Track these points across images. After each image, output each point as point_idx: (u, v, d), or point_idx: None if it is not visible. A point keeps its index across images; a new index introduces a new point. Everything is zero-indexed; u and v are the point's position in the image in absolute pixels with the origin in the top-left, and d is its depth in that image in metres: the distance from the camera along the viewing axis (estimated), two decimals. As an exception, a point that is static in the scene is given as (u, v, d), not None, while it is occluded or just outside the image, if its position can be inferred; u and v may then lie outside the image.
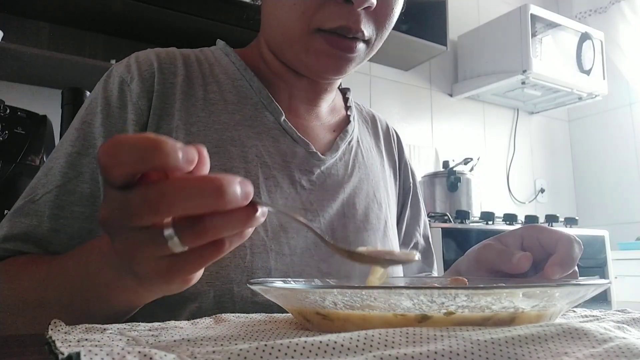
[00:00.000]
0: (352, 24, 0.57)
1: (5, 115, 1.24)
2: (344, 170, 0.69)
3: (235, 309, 0.55)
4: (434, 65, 2.62)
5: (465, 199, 2.19)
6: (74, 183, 0.55)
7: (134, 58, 0.63)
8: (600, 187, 2.96)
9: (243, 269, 0.56)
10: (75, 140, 0.57)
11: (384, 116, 0.87)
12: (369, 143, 0.78)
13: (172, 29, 1.66)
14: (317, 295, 0.32)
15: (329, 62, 0.60)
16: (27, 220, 0.54)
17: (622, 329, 0.31)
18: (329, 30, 0.58)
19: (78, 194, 0.55)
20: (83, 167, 0.56)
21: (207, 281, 0.54)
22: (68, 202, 0.55)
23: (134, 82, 0.60)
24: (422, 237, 0.82)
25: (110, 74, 0.62)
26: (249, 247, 0.56)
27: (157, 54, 0.64)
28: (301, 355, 0.25)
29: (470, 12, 2.78)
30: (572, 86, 2.54)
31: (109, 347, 0.24)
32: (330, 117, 0.74)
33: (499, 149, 2.82)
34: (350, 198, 0.67)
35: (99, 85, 0.62)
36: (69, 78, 1.55)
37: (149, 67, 0.62)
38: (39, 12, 1.60)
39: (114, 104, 0.59)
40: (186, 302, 0.55)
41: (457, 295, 0.30)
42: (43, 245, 0.54)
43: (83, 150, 0.57)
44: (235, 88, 0.66)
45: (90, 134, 0.58)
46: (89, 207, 0.56)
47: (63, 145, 0.58)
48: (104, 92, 0.60)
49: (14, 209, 0.56)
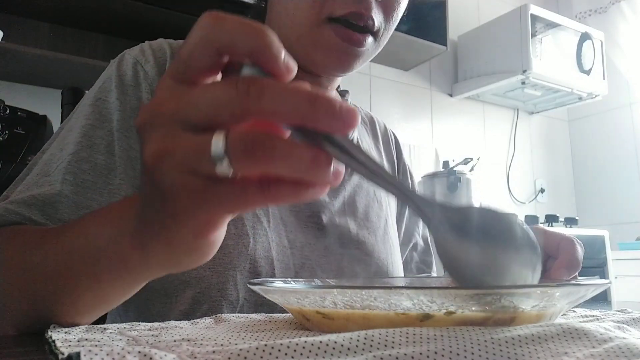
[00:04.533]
0: (364, 10, 0.57)
1: (5, 115, 1.24)
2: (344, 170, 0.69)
3: (239, 297, 0.55)
4: (434, 65, 2.62)
5: (465, 199, 2.19)
6: (87, 152, 0.54)
7: (148, 44, 0.63)
8: (600, 187, 2.96)
9: (246, 257, 0.56)
10: (90, 114, 0.56)
11: (384, 116, 0.87)
12: (368, 144, 0.78)
13: (173, 29, 1.66)
14: (317, 295, 0.32)
15: (337, 57, 0.60)
16: (42, 189, 0.51)
17: (622, 329, 0.31)
18: (340, 18, 0.57)
19: (91, 164, 0.53)
20: (97, 139, 0.55)
21: (210, 267, 0.54)
22: (80, 170, 0.53)
23: (148, 65, 0.60)
24: (421, 237, 0.82)
25: (123, 57, 0.61)
26: (252, 235, 0.57)
27: (170, 44, 0.64)
28: (301, 355, 0.25)
29: (470, 12, 2.78)
30: (572, 86, 2.54)
31: (109, 347, 0.24)
32: None
33: (499, 149, 2.82)
34: (350, 197, 0.68)
35: (111, 66, 0.61)
36: (69, 78, 1.55)
37: (162, 54, 0.62)
38: (39, 12, 1.60)
39: (128, 82, 0.58)
40: (185, 287, 0.54)
41: (457, 295, 0.30)
42: (47, 211, 0.50)
43: (98, 123, 0.56)
44: None
45: (105, 109, 0.57)
46: (101, 179, 0.53)
47: (76, 120, 0.56)
48: (118, 71, 0.59)
49: (26, 182, 0.52)
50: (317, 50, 0.60)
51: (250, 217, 0.58)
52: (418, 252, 0.81)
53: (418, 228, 0.82)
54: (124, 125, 0.56)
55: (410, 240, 0.81)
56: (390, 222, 0.73)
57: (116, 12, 1.59)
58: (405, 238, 0.80)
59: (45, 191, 0.50)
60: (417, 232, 0.82)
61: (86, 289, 0.37)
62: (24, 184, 0.52)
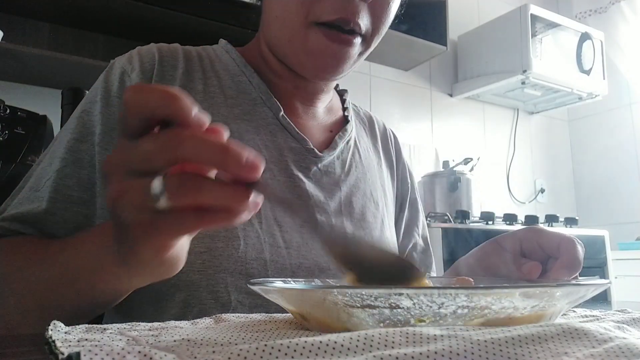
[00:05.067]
0: (350, 15, 0.58)
1: (5, 115, 1.24)
2: (340, 169, 0.69)
3: (231, 299, 0.55)
4: (434, 65, 2.62)
5: (465, 199, 2.19)
6: (71, 168, 0.56)
7: (137, 51, 0.64)
8: (600, 187, 2.96)
9: (237, 259, 0.56)
10: (75, 128, 0.58)
11: (384, 116, 0.87)
12: (367, 143, 0.78)
13: (173, 29, 1.66)
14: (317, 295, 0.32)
15: (327, 61, 0.61)
16: (31, 205, 0.55)
17: (622, 329, 0.31)
18: (326, 23, 0.58)
19: (75, 179, 0.56)
20: (81, 154, 0.57)
21: (199, 270, 0.54)
22: (65, 186, 0.55)
23: (134, 73, 0.61)
24: (420, 237, 0.82)
25: (113, 65, 0.63)
26: (242, 237, 0.57)
27: (159, 48, 0.65)
28: (301, 356, 0.25)
29: (470, 12, 2.78)
30: (572, 86, 2.54)
31: (109, 347, 0.24)
32: (327, 117, 0.74)
33: (499, 149, 2.82)
34: (347, 196, 0.68)
35: (101, 76, 0.63)
36: (69, 78, 1.55)
37: (150, 60, 0.63)
38: (39, 12, 1.60)
39: (114, 94, 0.60)
40: (175, 291, 0.54)
41: (457, 296, 0.30)
42: (38, 227, 0.54)
43: (82, 137, 0.58)
44: (235, 83, 0.67)
45: (90, 121, 0.59)
46: (86, 193, 0.56)
47: (64, 133, 0.59)
48: (105, 82, 0.61)
49: (20, 196, 0.57)
50: (308, 55, 0.61)
51: None
52: (418, 252, 0.81)
53: (417, 228, 0.82)
54: (104, 138, 0.57)
55: (410, 241, 0.80)
56: (386, 223, 0.73)
57: (116, 12, 1.58)
58: (404, 239, 0.80)
59: (35, 208, 0.54)
60: (417, 233, 0.82)
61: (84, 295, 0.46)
62: (19, 198, 0.57)
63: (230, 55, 0.69)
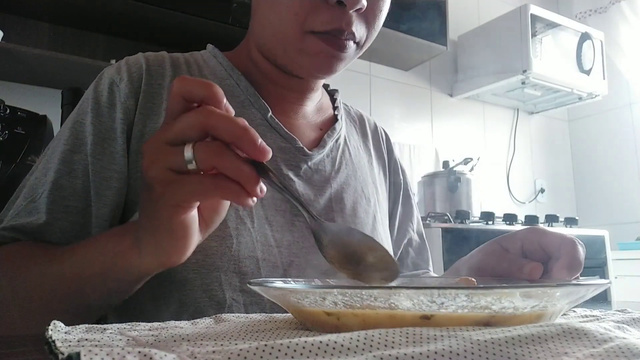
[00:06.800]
0: (345, 26, 0.59)
1: (5, 115, 1.24)
2: (331, 167, 0.70)
3: (225, 297, 0.56)
4: (434, 65, 2.62)
5: (465, 199, 2.19)
6: (66, 179, 0.58)
7: (125, 61, 0.65)
8: (600, 187, 2.96)
9: (230, 257, 0.57)
10: (68, 139, 0.60)
11: (384, 116, 0.88)
12: (357, 142, 0.79)
13: (173, 29, 1.66)
14: (317, 295, 0.32)
15: (322, 61, 0.62)
16: (30, 218, 0.57)
17: (622, 329, 0.31)
18: (321, 32, 0.59)
19: (70, 189, 0.57)
20: (75, 164, 0.58)
21: (193, 269, 0.55)
22: (61, 197, 0.57)
23: (122, 83, 0.62)
24: (415, 233, 0.82)
25: (102, 75, 0.64)
26: (235, 236, 0.58)
27: (146, 57, 0.66)
28: (301, 356, 0.25)
29: (470, 12, 2.78)
30: (572, 86, 2.54)
31: (109, 347, 0.24)
32: (317, 116, 0.75)
33: (499, 149, 2.82)
34: (337, 193, 0.69)
35: (91, 86, 0.64)
36: (69, 78, 1.55)
37: (137, 69, 0.64)
38: (39, 12, 1.60)
39: (103, 104, 0.61)
40: (172, 290, 0.56)
41: (457, 295, 0.30)
42: (37, 237, 0.56)
43: (75, 147, 0.59)
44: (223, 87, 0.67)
45: (82, 132, 0.60)
46: (81, 202, 0.58)
47: (57, 143, 0.61)
48: (95, 93, 0.62)
49: (16, 206, 0.58)
50: (304, 56, 0.62)
51: (233, 219, 0.59)
52: (413, 248, 0.81)
53: (412, 224, 0.82)
54: (96, 149, 0.59)
55: (404, 237, 0.81)
56: (379, 219, 0.73)
57: (116, 12, 1.58)
58: (399, 235, 0.81)
59: (33, 221, 0.56)
60: (411, 228, 0.82)
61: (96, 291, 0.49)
62: (15, 208, 0.58)
63: (217, 59, 0.70)
